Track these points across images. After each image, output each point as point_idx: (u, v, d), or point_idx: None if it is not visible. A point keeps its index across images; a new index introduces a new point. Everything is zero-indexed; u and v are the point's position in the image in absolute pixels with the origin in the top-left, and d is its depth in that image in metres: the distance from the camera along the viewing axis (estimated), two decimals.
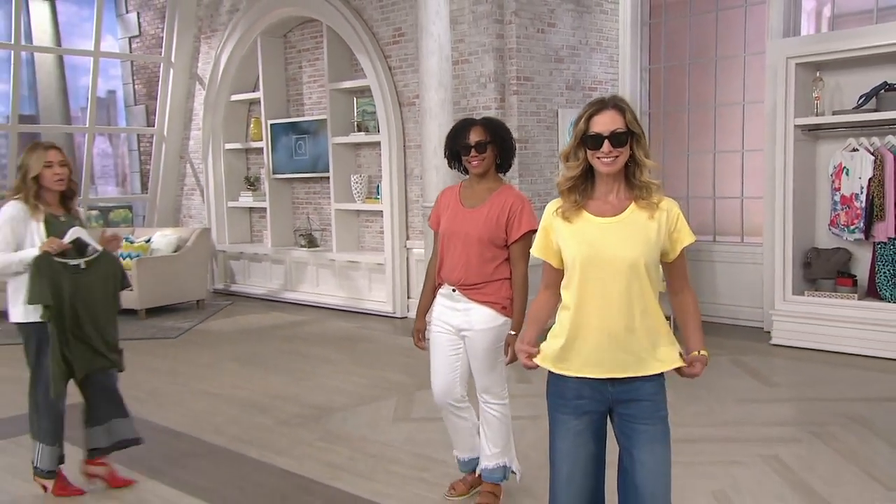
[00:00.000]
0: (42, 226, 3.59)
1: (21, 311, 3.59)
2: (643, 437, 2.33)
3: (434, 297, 3.50)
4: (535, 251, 2.47)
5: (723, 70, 7.55)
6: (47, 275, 3.51)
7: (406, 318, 7.86)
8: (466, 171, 3.46)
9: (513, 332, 3.30)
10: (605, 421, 2.41)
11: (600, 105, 2.30)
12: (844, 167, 6.18)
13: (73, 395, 3.82)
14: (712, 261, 7.40)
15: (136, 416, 4.91)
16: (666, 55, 7.85)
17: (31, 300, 3.50)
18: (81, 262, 3.64)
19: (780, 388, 5.44)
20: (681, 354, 2.40)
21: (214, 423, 4.82)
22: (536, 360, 2.41)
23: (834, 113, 6.29)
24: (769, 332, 6.62)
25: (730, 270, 7.32)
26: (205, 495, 3.70)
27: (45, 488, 3.80)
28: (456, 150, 3.41)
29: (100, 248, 3.72)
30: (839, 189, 6.22)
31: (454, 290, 3.36)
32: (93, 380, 3.77)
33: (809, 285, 6.44)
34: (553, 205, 2.41)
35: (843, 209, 6.21)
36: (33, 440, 3.77)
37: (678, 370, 2.41)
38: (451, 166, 3.53)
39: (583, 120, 2.29)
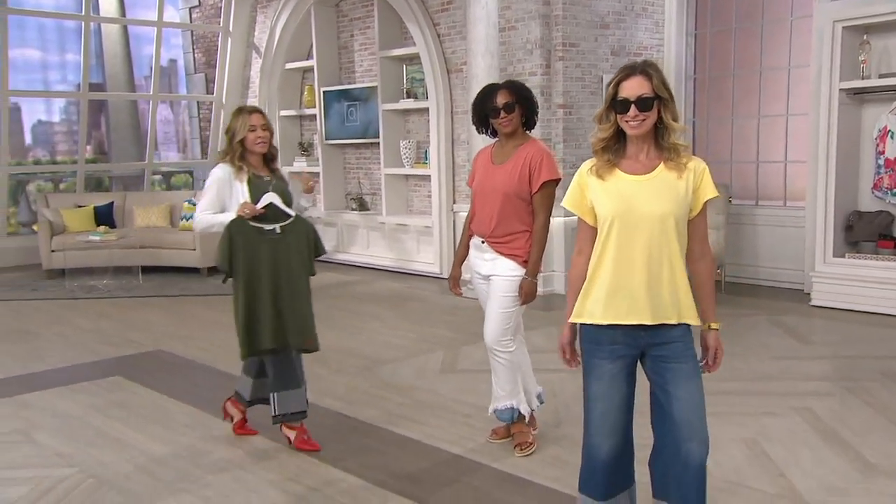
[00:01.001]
0: (246, 186, 3.64)
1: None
2: (677, 375, 2.48)
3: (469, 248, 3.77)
4: (570, 205, 2.60)
5: (769, 34, 7.54)
6: (239, 241, 3.57)
7: None
8: (494, 134, 3.68)
9: (527, 277, 3.54)
10: (636, 364, 2.57)
11: (629, 71, 2.44)
12: (889, 130, 6.20)
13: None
14: (755, 224, 7.48)
15: (204, 365, 5.36)
16: (712, 20, 7.85)
17: (217, 262, 3.65)
18: (276, 227, 3.65)
19: (817, 346, 5.57)
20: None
21: None
22: (572, 319, 2.58)
23: (881, 76, 6.29)
24: (809, 294, 6.71)
25: (772, 234, 7.39)
26: (268, 433, 4.02)
27: (289, 440, 3.84)
28: (484, 114, 3.62)
29: (293, 213, 3.70)
30: (883, 152, 6.25)
31: (483, 242, 3.61)
32: None
33: (851, 248, 6.51)
34: (587, 164, 2.57)
35: (886, 172, 6.24)
36: (270, 392, 3.80)
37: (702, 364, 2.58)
38: (479, 131, 3.74)
39: (612, 85, 2.45)
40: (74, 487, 3.42)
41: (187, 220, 8.97)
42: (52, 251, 8.66)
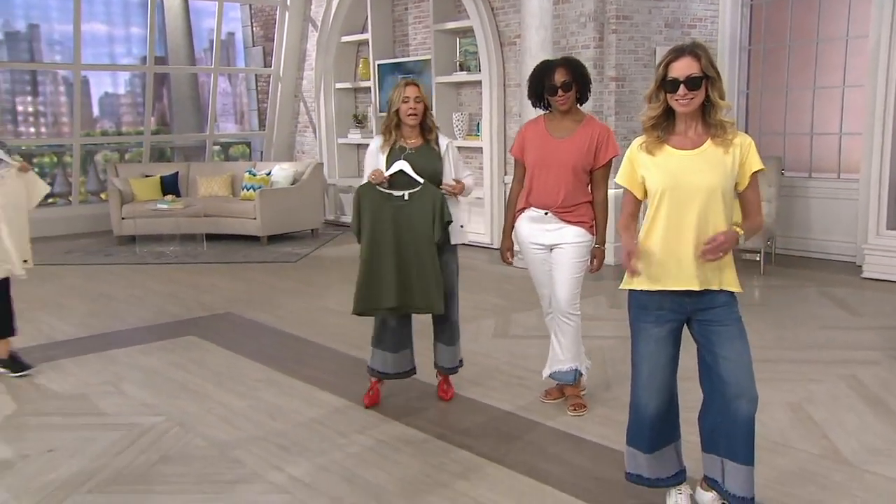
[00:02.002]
0: (384, 157, 3.85)
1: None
2: (723, 336, 2.65)
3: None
4: (622, 180, 2.78)
5: (827, 5, 7.46)
6: (365, 204, 3.78)
7: None
8: (547, 107, 3.84)
9: (598, 245, 3.78)
10: (682, 327, 2.74)
11: (678, 52, 2.60)
12: None
13: None
14: (807, 196, 7.48)
15: (271, 327, 5.67)
16: None
17: (352, 225, 3.89)
18: (405, 193, 3.77)
19: (867, 317, 5.62)
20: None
21: (332, 332, 5.43)
22: (623, 286, 2.76)
23: None
24: (861, 267, 6.73)
25: (824, 206, 7.39)
26: (327, 387, 4.32)
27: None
28: (540, 90, 3.77)
29: (421, 181, 3.78)
30: None
31: (546, 213, 3.78)
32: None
33: None
34: (638, 141, 2.74)
35: None
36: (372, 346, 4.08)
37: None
38: (535, 106, 3.89)
39: (662, 66, 2.61)
40: (164, 432, 3.76)
41: (248, 189, 9.30)
42: (123, 219, 9.09)
